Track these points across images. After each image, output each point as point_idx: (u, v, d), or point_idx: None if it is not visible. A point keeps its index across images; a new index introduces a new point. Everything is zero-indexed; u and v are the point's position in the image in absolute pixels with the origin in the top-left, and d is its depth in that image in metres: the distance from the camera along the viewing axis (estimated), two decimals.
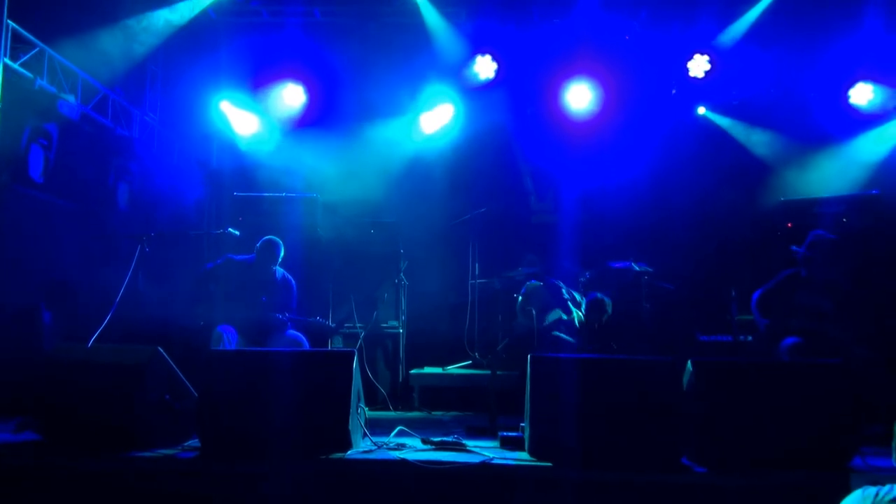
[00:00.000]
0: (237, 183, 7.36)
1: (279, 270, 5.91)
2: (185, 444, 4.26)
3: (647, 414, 3.88)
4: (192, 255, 6.96)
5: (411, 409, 6.36)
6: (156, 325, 5.80)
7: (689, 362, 4.08)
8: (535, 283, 6.03)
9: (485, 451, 4.09)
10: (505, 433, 4.36)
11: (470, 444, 4.25)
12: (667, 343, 6.46)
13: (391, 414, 6.02)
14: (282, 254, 5.80)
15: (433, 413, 6.14)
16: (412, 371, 6.66)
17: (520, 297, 6.21)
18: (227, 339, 5.27)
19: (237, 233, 5.81)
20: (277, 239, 5.85)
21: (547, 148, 8.07)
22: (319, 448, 3.95)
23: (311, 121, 7.68)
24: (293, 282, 5.96)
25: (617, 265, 6.64)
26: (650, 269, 6.64)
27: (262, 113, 7.73)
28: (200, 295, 5.66)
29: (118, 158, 7.24)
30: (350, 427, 3.98)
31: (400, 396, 6.48)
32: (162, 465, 3.92)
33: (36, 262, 6.10)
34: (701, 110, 7.97)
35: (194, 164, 7.79)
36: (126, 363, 4.20)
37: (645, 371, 4.04)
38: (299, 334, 5.60)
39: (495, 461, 3.90)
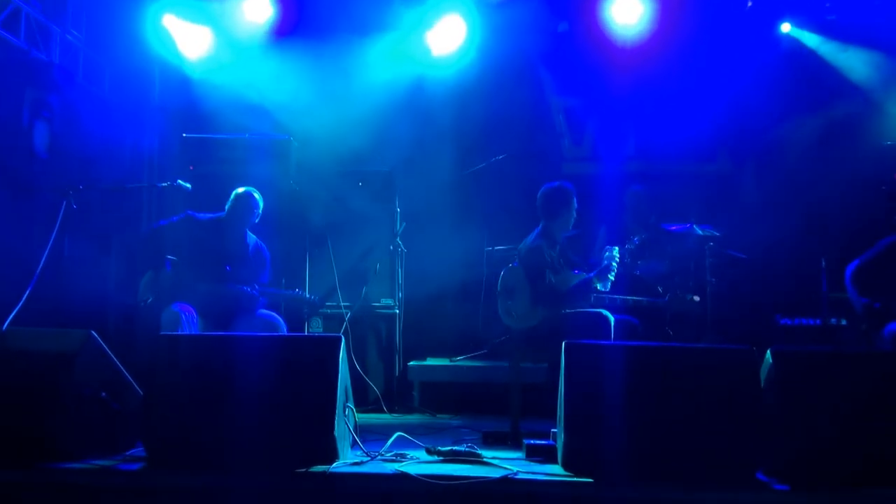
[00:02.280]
0: (187, 122, 7.33)
1: (251, 235, 5.93)
2: (127, 452, 4.29)
3: (714, 417, 3.90)
4: (132, 215, 6.98)
5: (411, 410, 6.42)
6: (87, 303, 5.84)
7: (767, 352, 4.08)
8: (514, 266, 6.01)
9: (506, 463, 4.12)
10: (531, 441, 4.40)
11: (487, 454, 4.28)
12: (738, 328, 6.48)
13: (386, 417, 6.08)
14: (260, 210, 5.82)
15: (439, 416, 6.19)
16: (411, 363, 6.71)
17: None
18: (185, 320, 5.30)
19: (188, 186, 5.81)
20: (256, 192, 5.85)
21: (584, 78, 8.02)
22: (297, 459, 3.96)
23: (282, 39, 7.59)
24: (267, 251, 5.99)
25: (673, 228, 6.63)
26: (716, 234, 6.63)
27: (218, 29, 7.65)
28: (147, 263, 5.66)
29: (34, 90, 7.18)
30: (336, 433, 4.00)
31: (396, 395, 6.54)
32: (97, 478, 3.95)
33: None
34: (785, 28, 7.87)
35: (131, 97, 7.75)
36: (50, 351, 4.20)
37: (713, 363, 4.04)
38: (274, 315, 5.64)
39: (520, 476, 3.92)
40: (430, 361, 6.82)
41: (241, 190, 5.87)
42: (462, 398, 6.50)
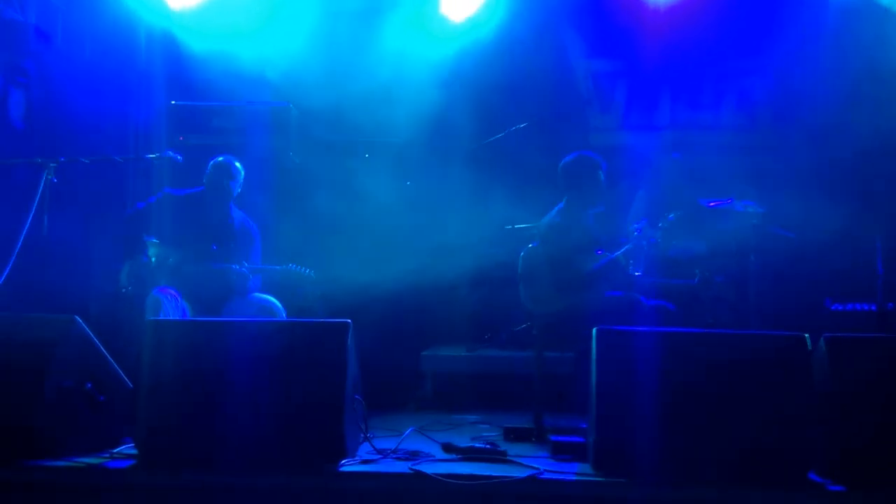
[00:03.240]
0: (176, 89, 7.31)
1: (236, 210, 5.92)
2: (115, 449, 4.30)
3: (762, 410, 3.87)
4: (116, 190, 6.96)
5: (423, 403, 6.40)
6: (68, 286, 5.84)
7: (820, 340, 4.06)
8: (535, 245, 5.96)
9: (530, 461, 4.11)
10: (558, 437, 4.40)
11: (509, 452, 4.28)
12: (784, 313, 6.43)
13: (396, 411, 6.06)
14: (241, 179, 5.79)
15: (454, 410, 6.17)
16: (424, 353, 6.69)
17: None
18: (168, 305, 5.30)
19: (179, 157, 5.78)
20: (233, 159, 5.83)
21: (614, 41, 7.96)
22: (302, 456, 3.97)
23: None
24: (256, 228, 5.97)
25: (712, 204, 6.57)
26: (760, 210, 6.57)
27: None
28: (126, 250, 5.68)
29: (8, 53, 7.16)
30: (345, 428, 3.99)
31: (407, 386, 6.51)
32: (82, 477, 3.97)
33: None
34: None
35: (115, 62, 7.71)
36: (30, 339, 4.22)
37: (762, 351, 4.02)
38: (270, 298, 5.62)
39: (546, 475, 3.92)
40: (445, 351, 6.80)
41: (219, 159, 5.86)
42: (479, 391, 6.48)
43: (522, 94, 7.75)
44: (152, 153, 5.93)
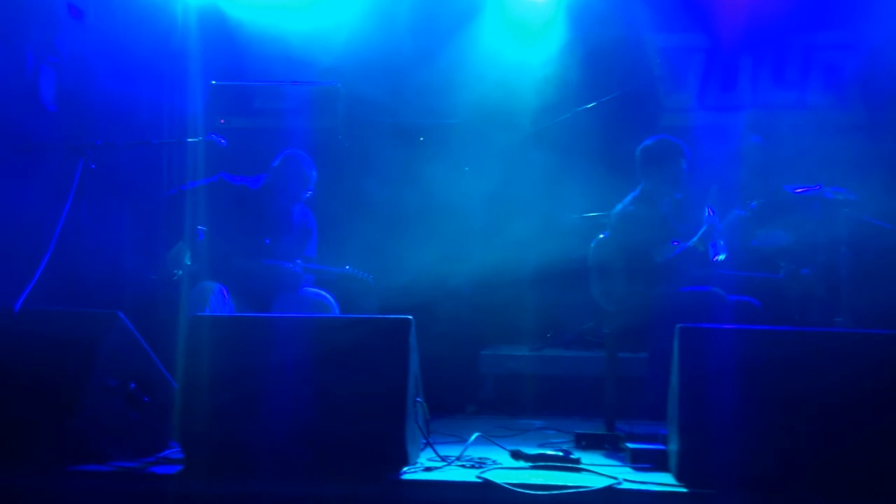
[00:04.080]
0: (217, 67, 7.34)
1: (299, 203, 5.94)
2: (161, 454, 4.33)
3: (869, 417, 3.81)
4: (152, 176, 7.01)
5: (484, 406, 6.41)
6: (105, 278, 5.89)
7: None
8: (606, 236, 5.91)
9: (607, 470, 4.09)
10: (636, 445, 4.36)
11: (582, 459, 4.25)
12: (880, 311, 6.32)
13: (455, 414, 6.06)
14: (314, 179, 5.87)
15: (517, 414, 6.15)
16: (484, 352, 6.68)
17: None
18: (215, 301, 5.33)
19: (223, 141, 5.81)
20: (307, 155, 5.86)
21: (687, 13, 7.90)
22: (360, 464, 3.97)
23: None
24: (314, 221, 6.00)
25: (798, 191, 6.50)
26: (852, 198, 6.48)
27: None
28: (173, 232, 5.69)
29: (39, 31, 7.24)
30: (406, 433, 4.00)
31: (465, 388, 6.50)
32: (127, 483, 3.99)
33: None
34: None
35: (151, 39, 7.77)
36: (71, 336, 4.25)
37: (868, 351, 3.95)
38: (323, 294, 5.63)
39: (625, 486, 3.88)
40: (505, 350, 6.79)
41: (289, 153, 5.87)
42: (543, 393, 6.46)
43: (589, 73, 7.70)
44: (193, 137, 5.97)
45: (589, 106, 7.04)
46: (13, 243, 5.69)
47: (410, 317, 4.15)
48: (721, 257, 5.62)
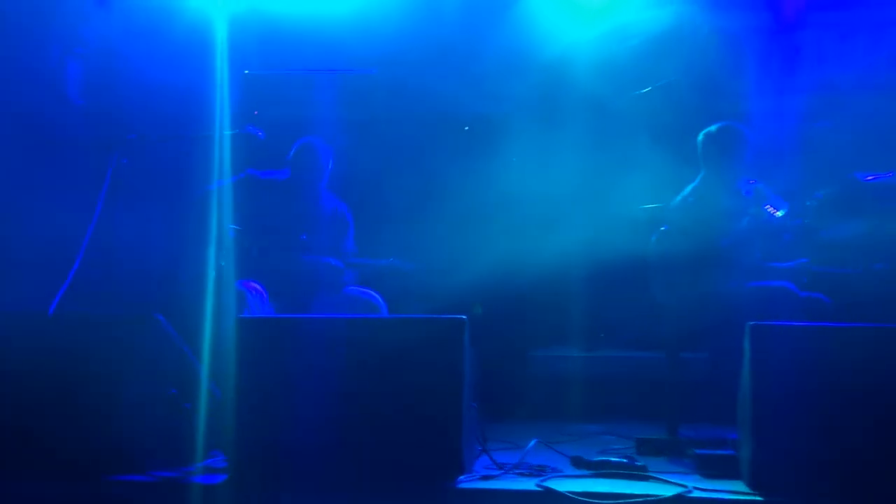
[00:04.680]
0: (250, 55, 7.36)
1: (327, 195, 5.95)
2: (203, 463, 4.34)
3: None
4: (183, 170, 7.03)
5: (534, 410, 6.38)
6: (137, 278, 5.93)
7: None
8: (666, 229, 5.87)
9: (674, 477, 4.08)
10: (704, 451, 4.34)
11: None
12: None
13: (504, 418, 6.04)
14: (331, 161, 5.82)
15: (569, 418, 6.14)
16: (534, 353, 6.66)
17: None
18: (252, 301, 5.34)
19: (261, 134, 5.83)
20: (322, 141, 5.86)
21: None
22: (414, 473, 3.98)
23: None
24: (349, 214, 5.99)
25: (871, 178, 6.43)
26: None
27: None
28: (203, 232, 5.72)
29: (64, 21, 7.29)
30: (462, 440, 3.99)
31: (514, 391, 6.49)
32: (168, 494, 4.03)
33: None
34: None
35: (180, 27, 7.81)
36: (106, 340, 4.29)
37: None
38: (370, 291, 5.63)
39: (695, 494, 3.86)
40: (557, 351, 6.77)
41: (305, 140, 5.93)
42: (596, 396, 6.43)
43: (638, 58, 7.64)
44: (229, 129, 5.97)
45: (644, 91, 6.99)
46: (44, 244, 5.73)
47: (465, 317, 4.13)
48: (781, 213, 5.59)
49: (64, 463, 4.13)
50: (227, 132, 5.93)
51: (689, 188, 5.75)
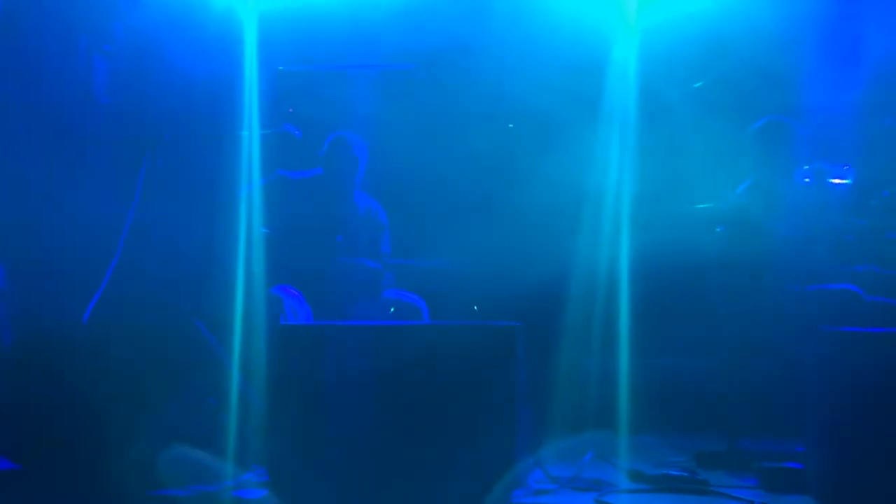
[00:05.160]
0: (284, 51, 7.38)
1: (360, 195, 5.96)
2: (243, 476, 4.38)
3: None
4: (217, 172, 7.07)
5: (591, 420, 6.34)
6: (168, 284, 5.95)
7: None
8: (720, 230, 5.86)
9: (738, 492, 4.08)
10: (769, 464, 4.33)
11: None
12: None
13: (559, 430, 6.02)
14: (365, 158, 5.81)
15: (623, 429, 6.11)
16: (584, 360, 6.63)
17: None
18: (289, 306, 5.35)
19: (298, 133, 5.86)
20: (355, 137, 5.87)
21: None
22: (467, 486, 3.95)
23: None
24: (383, 214, 6.00)
25: None
26: None
27: None
28: (231, 238, 5.75)
29: (93, 16, 7.34)
30: (516, 454, 3.98)
31: (571, 400, 6.46)
32: None
33: None
34: None
35: (211, 21, 7.84)
36: (146, 347, 4.32)
37: None
38: (412, 296, 5.63)
39: None
40: (608, 358, 6.73)
41: (336, 135, 5.93)
42: (651, 406, 6.39)
43: (691, 50, 7.62)
44: (265, 128, 6.00)
45: (698, 85, 6.97)
46: (76, 249, 5.76)
47: (519, 323, 4.12)
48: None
49: (99, 478, 4.15)
50: (264, 131, 5.98)
51: (742, 187, 5.73)
